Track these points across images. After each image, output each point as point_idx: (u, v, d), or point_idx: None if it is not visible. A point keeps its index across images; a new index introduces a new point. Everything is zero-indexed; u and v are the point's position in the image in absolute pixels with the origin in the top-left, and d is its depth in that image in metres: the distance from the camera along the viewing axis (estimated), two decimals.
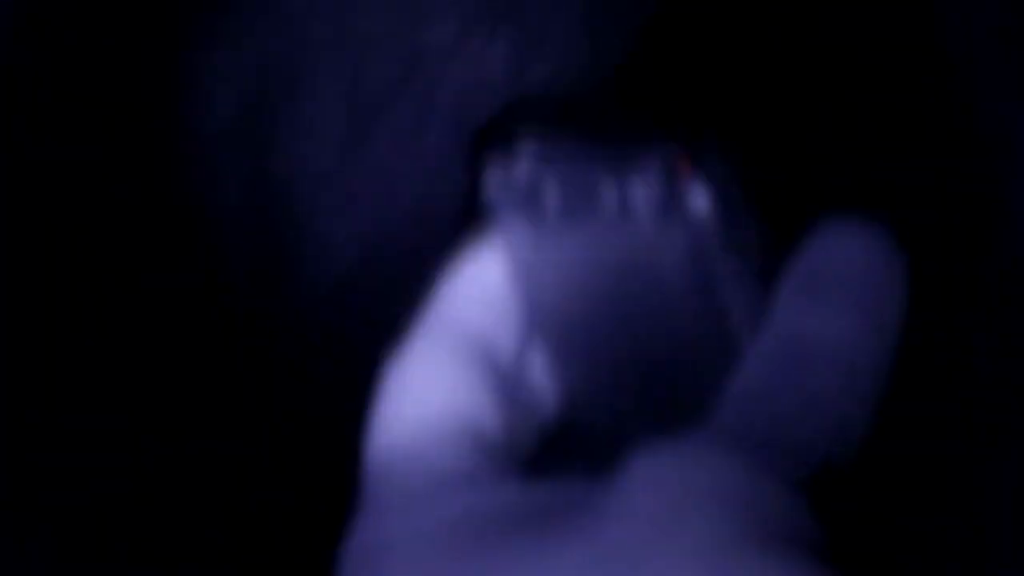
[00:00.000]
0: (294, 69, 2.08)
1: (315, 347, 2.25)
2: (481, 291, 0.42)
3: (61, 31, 1.73)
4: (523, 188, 0.42)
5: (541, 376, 0.41)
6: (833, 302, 0.38)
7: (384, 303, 2.52)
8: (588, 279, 0.40)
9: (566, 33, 2.45)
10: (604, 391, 0.44)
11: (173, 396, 2.02)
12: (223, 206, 2.07)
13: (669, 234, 0.37)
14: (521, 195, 0.43)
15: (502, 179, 0.41)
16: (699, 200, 0.37)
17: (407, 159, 2.31)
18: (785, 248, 0.37)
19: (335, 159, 2.14)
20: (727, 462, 0.36)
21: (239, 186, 1.97)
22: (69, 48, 1.74)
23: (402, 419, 0.41)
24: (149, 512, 1.86)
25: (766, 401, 0.38)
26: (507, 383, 0.41)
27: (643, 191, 0.37)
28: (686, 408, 0.41)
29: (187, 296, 2.04)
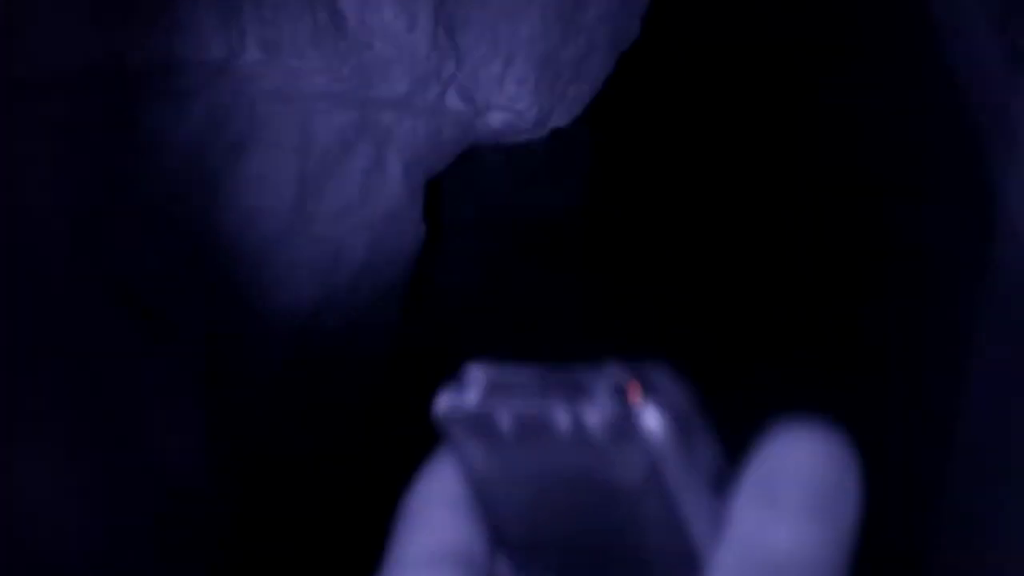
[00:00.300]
0: (243, 125, 2.05)
1: (278, 378, 2.19)
2: (447, 505, 0.42)
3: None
4: (474, 416, 0.40)
5: None
6: (789, 508, 0.36)
7: (341, 344, 2.47)
8: (545, 495, 0.41)
9: (518, 87, 2.46)
10: None
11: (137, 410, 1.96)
12: (172, 259, 2.02)
13: (624, 454, 0.37)
14: (472, 422, 0.40)
15: (453, 406, 0.40)
16: (652, 422, 0.37)
17: (361, 206, 2.30)
18: (738, 450, 0.38)
19: (289, 209, 2.12)
20: None
21: (187, 238, 1.94)
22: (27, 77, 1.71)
23: None
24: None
25: None
26: None
27: (596, 415, 0.38)
28: None
29: (148, 331, 2.00)
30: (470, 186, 4.43)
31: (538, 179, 4.70)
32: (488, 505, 0.41)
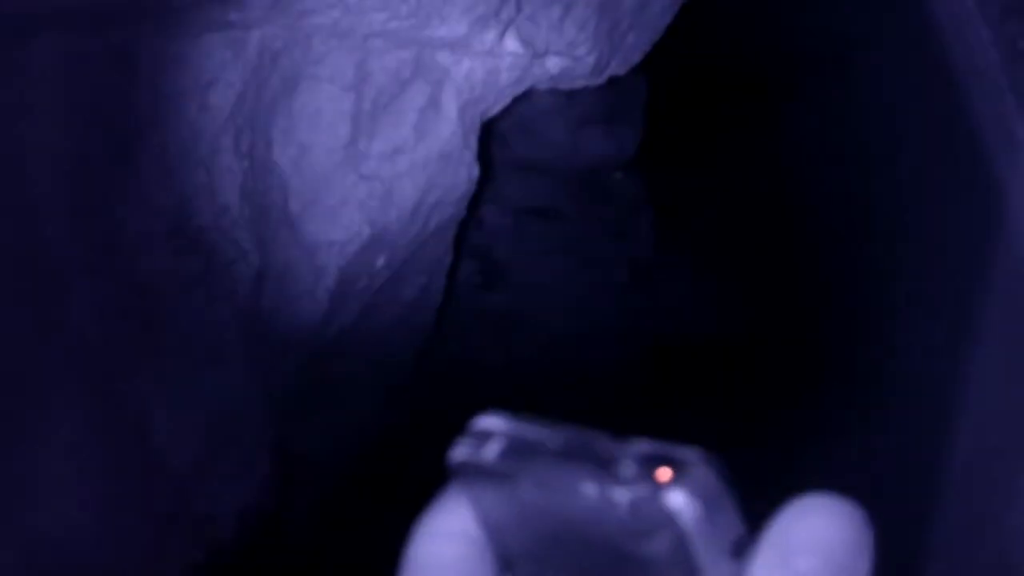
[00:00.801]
0: (298, 61, 2.04)
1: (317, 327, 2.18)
2: (456, 538, 0.43)
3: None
4: (492, 471, 0.41)
5: None
6: (804, 574, 0.37)
7: (389, 284, 2.44)
8: (560, 546, 0.42)
9: (577, 32, 2.42)
10: None
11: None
12: (224, 191, 2.01)
13: (650, 531, 0.38)
14: (490, 476, 0.41)
15: (470, 459, 0.41)
16: (680, 504, 0.37)
17: (414, 146, 2.27)
18: (758, 518, 0.39)
19: (342, 147, 2.10)
20: None
21: (239, 173, 1.93)
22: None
23: None
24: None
25: None
26: None
27: (624, 493, 0.38)
28: None
29: (190, 286, 1.99)
30: (523, 127, 4.42)
31: (592, 125, 4.69)
32: (499, 542, 0.42)
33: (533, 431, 0.40)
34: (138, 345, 1.76)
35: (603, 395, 3.86)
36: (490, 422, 0.41)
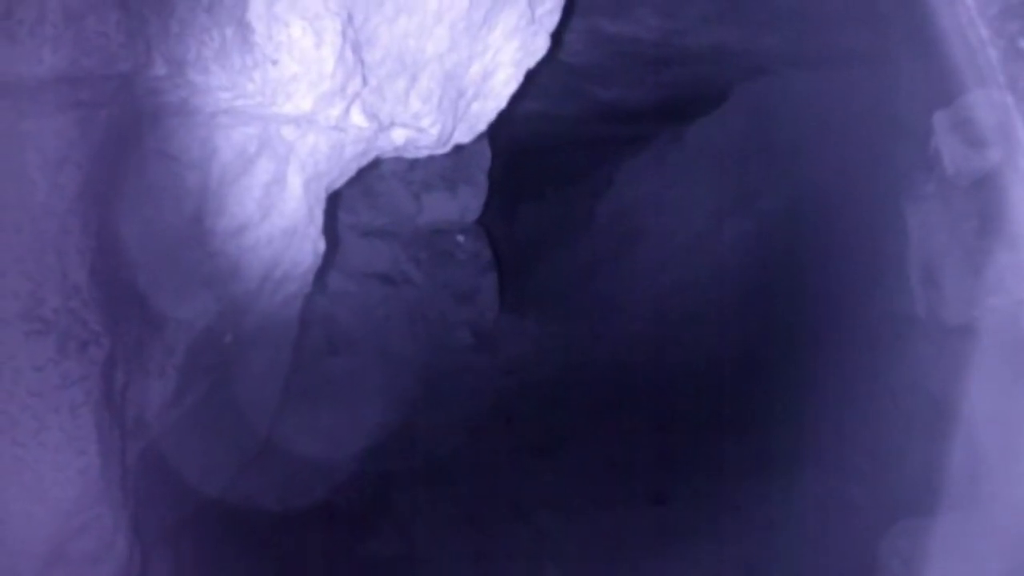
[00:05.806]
0: (145, 138, 2.03)
1: None
2: None
3: None
4: None
5: None
6: None
7: (236, 358, 2.43)
8: None
9: (422, 104, 2.46)
10: None
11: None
12: (73, 267, 1.98)
13: None
14: None
15: None
16: None
17: (260, 222, 2.27)
18: None
19: (188, 223, 2.10)
20: None
21: (88, 253, 1.90)
22: None
23: None
24: None
25: None
26: None
27: None
28: None
29: None
30: (366, 192, 4.44)
31: (435, 190, 4.74)
32: None
33: None
34: None
35: (446, 461, 3.88)
36: None
